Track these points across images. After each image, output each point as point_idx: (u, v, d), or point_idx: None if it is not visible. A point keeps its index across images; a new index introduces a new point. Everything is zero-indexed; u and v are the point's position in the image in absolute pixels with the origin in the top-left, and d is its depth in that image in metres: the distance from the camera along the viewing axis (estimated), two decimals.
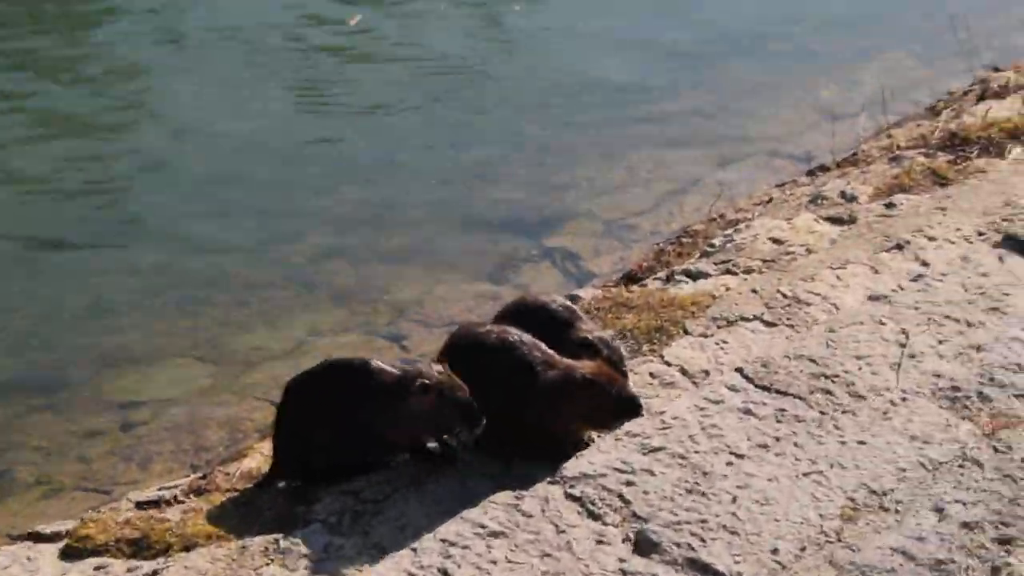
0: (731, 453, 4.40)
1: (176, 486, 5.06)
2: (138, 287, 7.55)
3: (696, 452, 4.39)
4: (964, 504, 4.16)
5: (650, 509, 4.10)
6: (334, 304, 7.66)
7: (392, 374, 4.49)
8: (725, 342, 5.34)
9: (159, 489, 5.07)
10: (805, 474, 4.30)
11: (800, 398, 4.74)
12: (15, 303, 7.40)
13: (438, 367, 4.48)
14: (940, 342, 5.10)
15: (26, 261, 7.84)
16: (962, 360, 4.98)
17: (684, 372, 5.12)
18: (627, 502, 4.13)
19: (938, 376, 4.88)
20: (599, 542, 3.94)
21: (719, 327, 5.48)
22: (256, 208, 8.37)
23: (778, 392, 4.78)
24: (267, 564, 4.08)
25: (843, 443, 4.47)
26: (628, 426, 4.52)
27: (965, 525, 4.07)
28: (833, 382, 4.83)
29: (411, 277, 7.73)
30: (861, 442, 4.48)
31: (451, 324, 6.96)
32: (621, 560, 3.91)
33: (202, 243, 8.00)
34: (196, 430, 6.25)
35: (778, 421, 4.60)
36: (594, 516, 4.07)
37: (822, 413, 4.65)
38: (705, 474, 4.28)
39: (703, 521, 4.06)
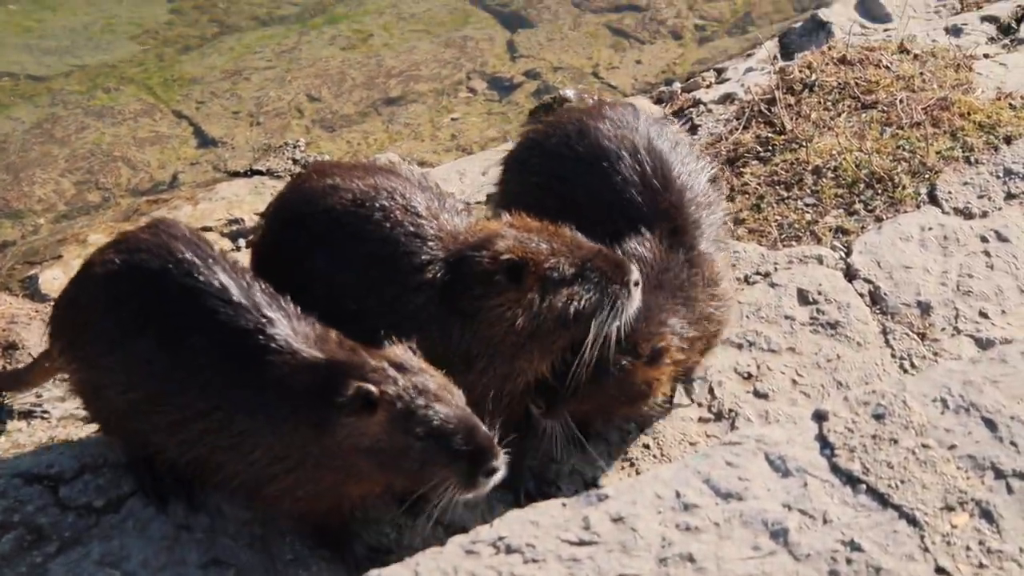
0: None
1: None
2: None
3: None
4: None
5: None
6: None
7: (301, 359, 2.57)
8: (986, 240, 3.29)
9: None
10: None
11: (907, 516, 2.42)
12: None
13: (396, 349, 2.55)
14: None
15: None
16: None
17: (873, 295, 3.10)
18: None
19: None
20: None
21: (995, 195, 3.40)
22: None
23: (872, 491, 2.46)
24: None
25: None
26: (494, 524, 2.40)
27: None
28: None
29: None
30: None
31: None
32: None
33: None
34: None
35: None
36: None
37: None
38: None
39: None
